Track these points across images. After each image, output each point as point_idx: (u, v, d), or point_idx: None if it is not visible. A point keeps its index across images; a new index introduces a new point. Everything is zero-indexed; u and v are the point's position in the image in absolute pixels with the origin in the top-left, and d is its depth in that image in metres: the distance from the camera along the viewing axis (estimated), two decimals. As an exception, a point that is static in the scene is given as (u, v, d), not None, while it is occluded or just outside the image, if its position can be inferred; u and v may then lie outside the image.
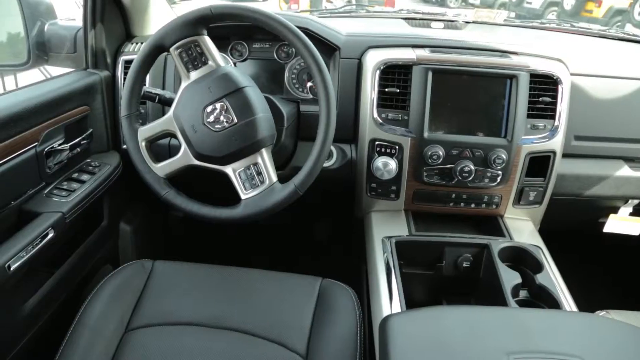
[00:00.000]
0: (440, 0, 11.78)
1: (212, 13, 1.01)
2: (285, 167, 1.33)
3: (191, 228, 1.92)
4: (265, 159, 1.04)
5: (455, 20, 1.69)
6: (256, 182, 1.04)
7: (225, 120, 1.01)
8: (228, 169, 1.04)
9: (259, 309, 1.09)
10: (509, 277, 1.09)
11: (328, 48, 1.35)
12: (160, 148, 1.31)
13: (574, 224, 1.64)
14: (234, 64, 1.43)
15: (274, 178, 1.04)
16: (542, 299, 1.08)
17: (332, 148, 1.34)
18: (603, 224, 1.52)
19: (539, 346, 0.74)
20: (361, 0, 4.94)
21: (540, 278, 1.09)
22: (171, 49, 1.03)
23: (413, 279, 1.21)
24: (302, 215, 1.85)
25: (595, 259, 1.92)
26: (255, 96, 1.05)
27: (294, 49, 1.38)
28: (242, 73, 1.07)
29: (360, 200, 1.37)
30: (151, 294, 1.12)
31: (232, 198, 1.05)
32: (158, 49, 1.04)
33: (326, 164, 1.33)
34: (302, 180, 1.03)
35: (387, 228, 1.27)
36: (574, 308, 1.06)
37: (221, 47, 1.41)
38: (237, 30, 1.41)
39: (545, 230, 1.40)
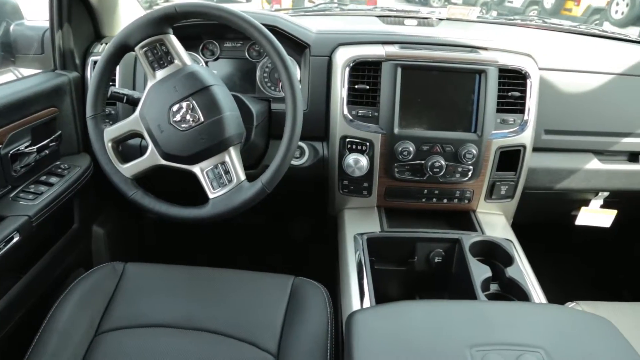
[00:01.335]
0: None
1: (176, 12, 1.01)
2: (257, 165, 1.32)
3: (166, 230, 1.91)
4: (233, 158, 1.04)
5: (429, 18, 1.70)
6: (224, 181, 1.03)
7: (191, 119, 1.00)
8: (196, 169, 1.04)
9: (231, 309, 1.08)
10: (479, 271, 1.09)
11: (298, 46, 1.34)
12: (134, 149, 1.30)
13: (547, 217, 1.65)
14: (206, 63, 1.42)
15: (242, 176, 1.04)
16: (512, 292, 1.08)
17: (304, 146, 1.34)
18: (575, 216, 1.53)
19: (502, 338, 0.75)
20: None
21: (510, 271, 1.10)
22: (136, 48, 1.02)
23: (386, 276, 1.21)
24: (278, 215, 1.85)
25: (568, 251, 1.94)
26: (222, 95, 1.04)
27: None
28: (209, 72, 1.07)
29: (333, 198, 1.37)
30: (122, 296, 1.11)
31: (203, 197, 1.04)
32: (123, 48, 1.03)
33: (298, 162, 1.33)
34: (270, 178, 1.03)
35: (359, 225, 1.27)
36: (543, 300, 1.07)
37: (192, 47, 1.42)
38: (208, 29, 1.40)
39: (519, 224, 1.42)
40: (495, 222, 1.34)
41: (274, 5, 6.48)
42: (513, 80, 1.27)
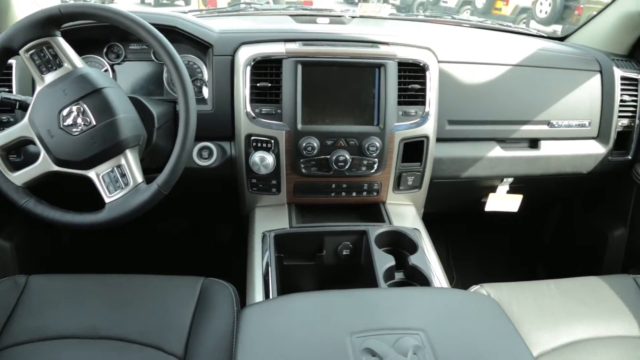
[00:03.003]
0: None
1: (61, 13, 0.98)
2: (163, 168, 1.30)
3: (81, 238, 1.84)
4: (129, 160, 1.02)
5: (342, 16, 1.72)
6: (120, 185, 1.01)
7: (82, 123, 0.98)
8: (91, 173, 1.01)
9: (138, 315, 1.06)
10: (383, 261, 1.11)
11: (201, 46, 1.33)
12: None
13: (458, 205, 1.71)
14: (111, 66, 1.39)
15: (139, 179, 1.02)
16: (415, 278, 1.11)
17: (212, 146, 1.32)
18: (485, 203, 1.59)
19: (382, 323, 0.76)
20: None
21: (413, 259, 1.13)
22: (20, 52, 0.98)
23: (295, 271, 1.21)
24: (199, 218, 1.82)
25: (486, 236, 2.02)
26: (116, 97, 1.02)
27: None
28: (101, 74, 1.05)
29: (243, 197, 1.36)
30: (23, 310, 1.06)
31: (102, 202, 1.02)
32: (5, 52, 0.99)
33: (206, 163, 1.32)
34: (165, 180, 1.01)
35: (268, 222, 1.27)
36: (444, 284, 1.10)
37: (96, 50, 1.37)
38: (111, 31, 1.36)
39: (431, 214, 1.45)
40: (404, 212, 1.37)
41: (209, 6, 6.43)
42: (413, 73, 1.30)
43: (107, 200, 1.01)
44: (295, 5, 1.88)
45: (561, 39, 1.81)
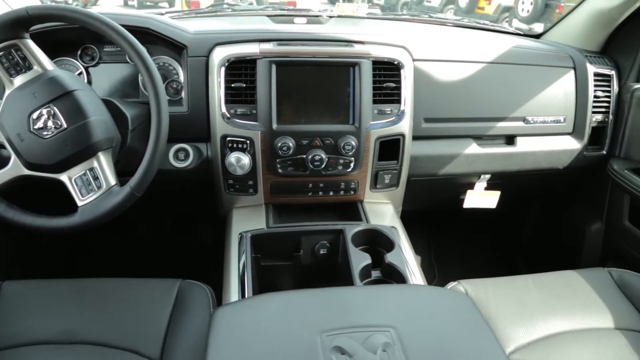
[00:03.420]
0: None
1: (28, 14, 0.97)
2: None
3: (60, 242, 1.82)
4: (102, 163, 1.01)
5: (319, 16, 1.72)
6: (93, 188, 1.01)
7: (53, 126, 0.97)
8: (63, 177, 1.00)
9: (114, 318, 1.06)
10: (359, 259, 1.11)
11: (175, 47, 1.32)
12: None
13: (436, 203, 1.72)
14: (86, 69, 1.37)
15: (112, 181, 1.01)
16: (392, 276, 1.11)
17: (188, 148, 1.31)
18: (463, 200, 1.60)
19: (353, 321, 0.76)
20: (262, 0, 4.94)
21: (389, 257, 1.13)
22: None
23: (273, 271, 1.21)
24: (180, 220, 1.81)
25: (462, 234, 2.03)
26: (87, 99, 1.01)
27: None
28: (72, 76, 1.04)
29: (220, 198, 1.35)
30: None
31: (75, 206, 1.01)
32: None
33: (183, 165, 1.31)
34: (138, 182, 1.01)
35: (246, 223, 1.27)
36: (421, 281, 1.10)
37: (70, 52, 1.36)
38: (86, 34, 1.35)
39: (411, 212, 1.46)
40: (382, 210, 1.37)
41: (192, 8, 6.40)
42: (387, 72, 1.30)
43: (79, 203, 1.00)
44: (274, 5, 1.88)
45: (537, 36, 1.83)
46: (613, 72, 1.56)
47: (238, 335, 0.75)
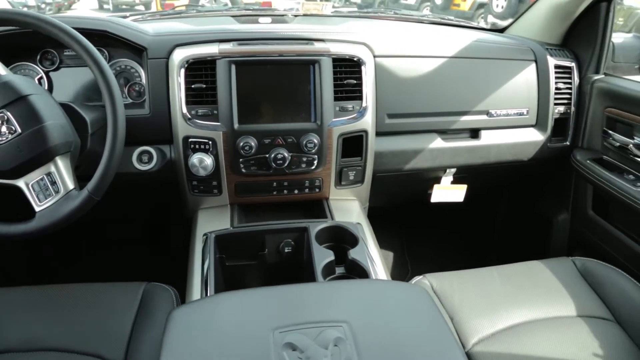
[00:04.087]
0: None
1: None
2: None
3: (27, 248, 1.79)
4: (60, 167, 1.00)
5: (284, 15, 1.72)
6: (50, 192, 1.00)
7: (7, 131, 0.96)
8: (20, 182, 0.99)
9: (77, 324, 1.05)
10: (322, 256, 1.12)
11: (135, 50, 1.31)
12: None
13: (403, 198, 1.73)
14: (46, 73, 1.35)
15: (70, 186, 1.01)
16: (355, 272, 1.12)
17: (152, 150, 1.30)
18: (430, 194, 1.61)
19: (306, 317, 0.76)
20: (237, 1, 4.92)
21: (352, 253, 1.13)
22: None
23: (238, 271, 1.21)
24: (150, 223, 1.80)
25: (435, 229, 2.05)
26: (43, 103, 1.00)
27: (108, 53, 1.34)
28: (27, 81, 1.03)
29: (185, 200, 1.35)
30: None
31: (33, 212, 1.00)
32: None
33: (146, 167, 1.30)
34: (96, 185, 1.00)
35: (210, 224, 1.26)
36: (383, 276, 1.11)
37: (29, 57, 1.34)
38: (45, 38, 1.33)
39: (379, 208, 1.46)
40: (348, 207, 1.37)
41: (167, 9, 6.35)
42: (348, 69, 1.31)
43: (37, 209, 1.00)
44: (239, 6, 1.87)
45: (501, 30, 1.85)
46: (573, 64, 1.59)
47: (191, 335, 0.74)
